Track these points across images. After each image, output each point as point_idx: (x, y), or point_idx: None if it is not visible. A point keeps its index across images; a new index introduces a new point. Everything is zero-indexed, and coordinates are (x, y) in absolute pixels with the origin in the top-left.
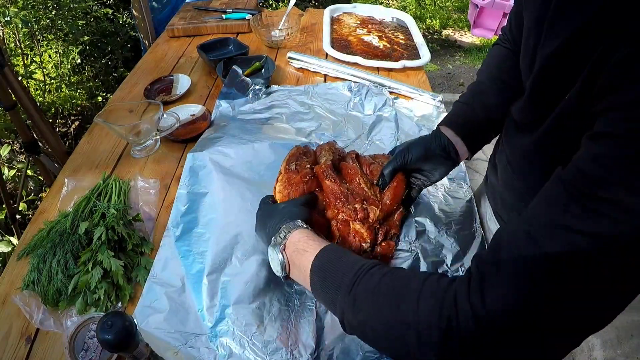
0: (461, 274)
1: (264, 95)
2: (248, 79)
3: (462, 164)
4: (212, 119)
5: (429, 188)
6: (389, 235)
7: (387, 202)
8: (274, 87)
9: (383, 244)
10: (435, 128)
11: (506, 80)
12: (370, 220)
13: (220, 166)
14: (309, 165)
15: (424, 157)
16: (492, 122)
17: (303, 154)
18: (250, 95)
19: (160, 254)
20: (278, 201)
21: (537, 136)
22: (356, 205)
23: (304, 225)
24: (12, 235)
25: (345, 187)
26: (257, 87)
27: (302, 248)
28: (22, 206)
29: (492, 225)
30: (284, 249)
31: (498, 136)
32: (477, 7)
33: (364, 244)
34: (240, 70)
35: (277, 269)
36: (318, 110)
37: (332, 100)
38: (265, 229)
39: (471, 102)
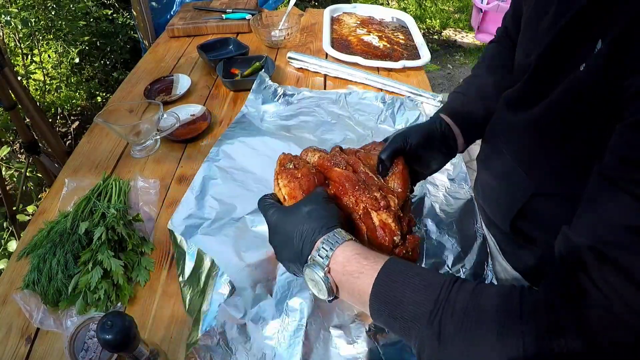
0: (462, 275)
1: (295, 101)
2: (276, 84)
3: (462, 164)
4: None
5: (430, 188)
6: (410, 226)
7: (399, 189)
8: (306, 93)
9: (409, 236)
10: (434, 115)
11: (503, 73)
12: (393, 209)
13: (232, 179)
14: (308, 163)
15: (424, 143)
16: (488, 115)
17: (293, 158)
18: (280, 101)
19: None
20: (286, 197)
21: (538, 111)
22: (376, 194)
23: (348, 237)
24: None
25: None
26: (288, 92)
27: (355, 270)
28: (22, 206)
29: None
30: (329, 272)
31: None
32: (481, 12)
33: (395, 238)
34: (267, 77)
35: (322, 294)
36: (347, 121)
37: (363, 111)
38: (290, 242)
39: (469, 93)
